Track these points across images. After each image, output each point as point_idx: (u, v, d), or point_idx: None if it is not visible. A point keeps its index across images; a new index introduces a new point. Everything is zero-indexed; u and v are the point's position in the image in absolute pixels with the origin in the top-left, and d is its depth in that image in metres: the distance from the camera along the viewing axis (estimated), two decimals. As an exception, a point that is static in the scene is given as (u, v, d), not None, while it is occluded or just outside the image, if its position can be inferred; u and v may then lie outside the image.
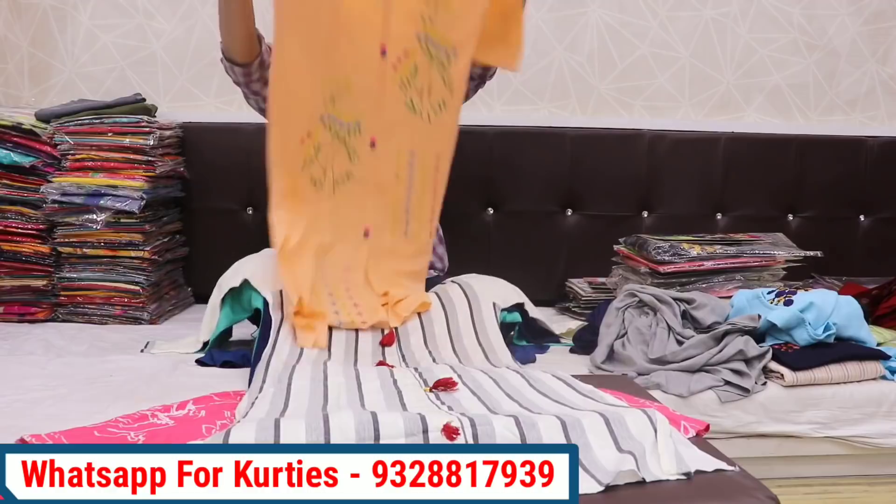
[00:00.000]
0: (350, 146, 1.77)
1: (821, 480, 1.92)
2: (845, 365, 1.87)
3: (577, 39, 2.65)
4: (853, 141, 2.72)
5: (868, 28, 2.77)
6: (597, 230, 2.57)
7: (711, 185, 2.64)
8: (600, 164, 2.58)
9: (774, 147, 2.68)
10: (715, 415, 1.79)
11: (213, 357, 1.81)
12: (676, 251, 2.19)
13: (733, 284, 2.22)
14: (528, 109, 2.67)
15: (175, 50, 2.53)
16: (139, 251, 2.16)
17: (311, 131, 1.72)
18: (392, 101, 1.80)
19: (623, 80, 2.69)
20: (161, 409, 1.39)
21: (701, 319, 1.95)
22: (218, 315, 1.87)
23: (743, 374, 1.82)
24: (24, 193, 2.16)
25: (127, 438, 1.26)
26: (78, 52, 2.51)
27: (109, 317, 2.18)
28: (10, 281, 2.17)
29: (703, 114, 2.74)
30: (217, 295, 1.87)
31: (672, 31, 2.68)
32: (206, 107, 2.56)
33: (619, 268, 2.38)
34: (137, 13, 2.51)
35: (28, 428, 1.29)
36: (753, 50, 2.73)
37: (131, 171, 2.16)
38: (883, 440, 1.89)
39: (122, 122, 2.17)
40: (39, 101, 2.50)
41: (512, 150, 2.54)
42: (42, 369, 1.74)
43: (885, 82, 2.81)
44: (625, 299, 2.02)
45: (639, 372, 1.84)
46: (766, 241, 2.35)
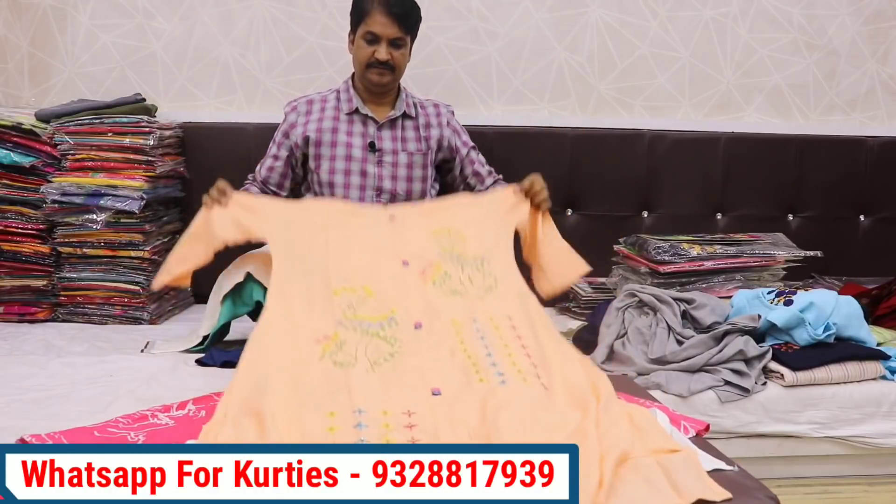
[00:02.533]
0: (387, 336, 1.53)
1: (821, 480, 1.92)
2: (845, 365, 1.87)
3: (577, 39, 2.65)
4: (853, 141, 2.72)
5: (868, 28, 2.77)
6: (597, 230, 2.57)
7: (711, 185, 2.64)
8: (600, 164, 2.58)
9: (774, 147, 2.68)
10: (715, 415, 1.79)
11: (213, 357, 1.81)
12: (676, 251, 2.19)
13: (733, 284, 2.22)
14: (528, 109, 2.67)
15: (175, 50, 2.53)
16: (139, 251, 2.16)
17: (328, 335, 1.51)
18: (428, 293, 1.63)
19: (623, 80, 2.69)
20: (161, 409, 1.39)
21: (701, 319, 1.95)
22: (219, 310, 1.88)
23: (743, 374, 1.82)
24: (24, 193, 2.17)
25: (127, 438, 1.26)
26: (78, 52, 2.51)
27: (109, 317, 2.18)
28: (10, 281, 2.18)
29: (703, 114, 2.74)
30: (220, 290, 1.89)
31: (672, 31, 2.68)
32: (206, 107, 2.56)
33: (619, 268, 2.38)
34: (137, 13, 2.51)
35: (28, 428, 1.29)
36: (753, 50, 2.73)
37: (131, 171, 2.16)
38: (883, 440, 1.89)
39: (122, 122, 2.18)
40: (39, 101, 2.50)
41: (512, 150, 2.53)
42: (42, 369, 1.74)
43: (885, 82, 2.81)
44: (625, 299, 2.02)
45: (639, 372, 1.85)
46: (766, 241, 2.35)
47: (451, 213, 1.86)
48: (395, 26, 2.04)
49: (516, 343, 1.52)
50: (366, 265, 1.66)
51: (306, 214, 1.83)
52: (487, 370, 1.44)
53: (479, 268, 1.71)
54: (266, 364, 1.40)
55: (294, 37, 2.55)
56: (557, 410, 1.32)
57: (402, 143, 2.18)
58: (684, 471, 1.17)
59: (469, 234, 1.78)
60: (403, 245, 1.72)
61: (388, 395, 1.33)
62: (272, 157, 2.20)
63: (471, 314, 1.59)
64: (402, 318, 1.55)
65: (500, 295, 1.64)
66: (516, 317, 1.59)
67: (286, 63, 2.56)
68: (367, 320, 1.55)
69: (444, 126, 2.22)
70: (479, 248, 1.75)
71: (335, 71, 2.54)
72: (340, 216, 1.82)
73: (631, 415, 1.29)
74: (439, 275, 1.67)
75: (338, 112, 2.17)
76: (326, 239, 1.72)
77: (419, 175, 2.18)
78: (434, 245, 1.74)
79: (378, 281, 1.62)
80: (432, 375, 1.42)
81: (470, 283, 1.67)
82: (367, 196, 2.14)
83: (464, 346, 1.51)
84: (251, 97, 2.56)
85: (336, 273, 1.63)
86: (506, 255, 1.76)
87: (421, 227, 1.78)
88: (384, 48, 2.05)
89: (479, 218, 1.84)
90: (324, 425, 1.24)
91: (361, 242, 1.73)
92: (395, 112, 2.18)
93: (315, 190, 2.17)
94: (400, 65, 2.11)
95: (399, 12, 2.03)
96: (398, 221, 1.81)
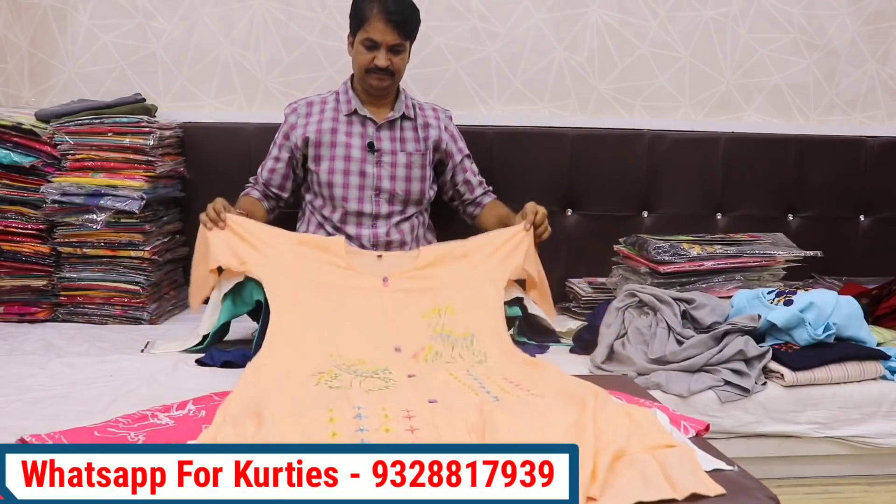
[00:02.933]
0: (382, 378, 1.58)
1: (821, 480, 1.92)
2: (845, 365, 1.87)
3: (577, 39, 2.65)
4: (853, 141, 2.72)
5: (868, 28, 2.77)
6: (597, 230, 2.57)
7: (711, 185, 2.64)
8: (600, 164, 2.57)
9: (774, 147, 2.67)
10: (715, 415, 1.79)
11: (213, 357, 1.81)
12: (676, 251, 2.18)
13: (733, 284, 2.22)
14: (528, 109, 2.67)
15: (175, 50, 2.53)
16: (139, 251, 2.16)
17: (322, 371, 1.58)
18: (421, 366, 1.70)
19: (623, 80, 2.69)
20: (161, 409, 1.39)
21: (701, 319, 1.95)
22: (220, 309, 1.89)
23: (743, 374, 1.82)
24: (24, 193, 2.16)
25: (127, 438, 1.26)
26: (78, 52, 2.51)
27: (109, 317, 2.18)
28: (10, 281, 2.17)
29: (703, 114, 2.74)
30: (220, 289, 1.89)
31: (672, 31, 2.68)
32: (206, 107, 2.56)
33: (619, 268, 2.38)
34: (137, 13, 2.51)
35: (28, 428, 1.29)
36: (753, 50, 2.73)
37: (131, 171, 2.16)
38: (883, 440, 1.88)
39: (122, 122, 2.18)
40: (39, 101, 2.50)
41: (512, 150, 2.53)
42: (42, 369, 1.74)
43: (885, 82, 2.81)
44: (625, 299, 2.02)
45: (639, 372, 1.84)
46: (766, 241, 2.35)
47: (442, 273, 1.94)
48: (395, 33, 2.05)
49: (511, 385, 1.55)
50: (360, 346, 1.73)
51: (302, 263, 1.89)
52: (482, 394, 1.48)
53: (469, 346, 1.79)
54: (263, 384, 1.47)
55: (294, 37, 2.55)
56: (554, 409, 1.34)
57: (400, 143, 2.18)
58: (680, 466, 1.18)
59: (458, 307, 1.86)
60: (395, 329, 1.80)
61: (387, 402, 1.36)
62: (273, 158, 2.20)
63: (464, 368, 1.66)
64: (395, 371, 1.61)
65: (490, 366, 1.71)
66: (510, 374, 1.63)
67: (286, 63, 2.56)
68: (361, 369, 1.62)
69: (441, 129, 2.23)
70: (468, 325, 1.83)
71: (335, 71, 2.54)
72: (336, 270, 1.90)
73: (629, 413, 1.31)
74: (430, 354, 1.75)
75: (337, 113, 2.17)
76: (322, 303, 1.81)
77: (418, 175, 2.18)
78: (425, 329, 1.82)
79: (371, 358, 1.69)
80: (427, 393, 1.45)
81: (461, 359, 1.74)
82: (366, 196, 2.14)
83: (458, 380, 1.57)
84: (251, 97, 2.56)
85: (330, 342, 1.72)
86: (495, 327, 1.84)
87: (412, 307, 1.86)
88: (383, 55, 2.06)
89: (471, 280, 1.92)
90: (325, 419, 1.26)
91: (355, 319, 1.81)
92: (395, 113, 2.18)
93: (314, 190, 2.17)
94: (399, 70, 2.12)
95: (398, 20, 2.04)
96: (391, 288, 1.89)
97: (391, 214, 2.17)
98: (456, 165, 2.27)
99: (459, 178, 2.28)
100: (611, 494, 1.11)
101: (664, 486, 1.14)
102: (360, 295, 1.86)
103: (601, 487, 1.11)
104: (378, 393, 1.46)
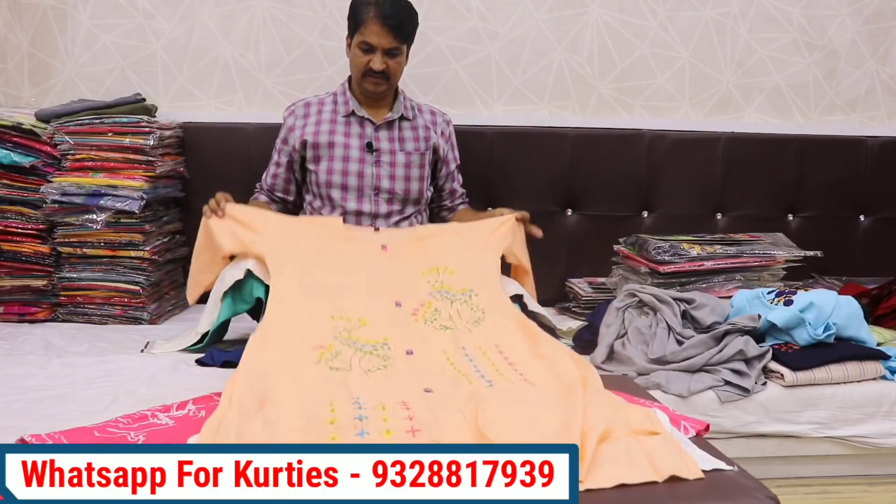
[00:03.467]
0: (380, 355, 1.62)
1: (821, 480, 1.92)
2: (845, 365, 1.87)
3: (577, 39, 2.65)
4: (853, 141, 2.72)
5: (868, 28, 2.77)
6: (597, 230, 2.57)
7: (711, 185, 2.64)
8: (600, 164, 2.57)
9: (774, 147, 2.67)
10: (715, 415, 1.79)
11: (213, 357, 1.81)
12: (676, 251, 2.18)
13: (733, 284, 2.22)
14: (528, 109, 2.67)
15: (175, 50, 2.53)
16: (139, 251, 2.16)
17: (323, 344, 1.61)
18: (419, 328, 1.74)
19: (623, 80, 2.69)
20: (161, 409, 1.39)
21: (701, 319, 1.95)
22: (220, 307, 1.89)
23: (743, 374, 1.82)
24: (24, 193, 2.16)
25: (127, 438, 1.26)
26: (78, 52, 2.51)
27: (109, 317, 2.18)
28: (10, 281, 2.17)
29: (703, 114, 2.74)
30: (220, 288, 1.89)
31: (672, 31, 2.68)
32: (206, 107, 2.56)
33: (619, 268, 2.38)
34: (137, 13, 2.51)
35: (28, 428, 1.29)
36: (753, 50, 2.72)
37: (131, 171, 2.16)
38: (883, 440, 1.89)
39: (122, 122, 2.17)
40: (39, 101, 2.50)
41: (512, 150, 2.53)
42: (42, 369, 1.74)
43: (885, 82, 2.81)
44: (625, 299, 2.02)
45: (639, 372, 1.84)
46: (766, 241, 2.35)
47: (438, 244, 1.99)
48: (391, 36, 2.04)
49: (504, 363, 1.61)
50: (361, 302, 1.77)
51: (302, 234, 1.94)
52: (476, 380, 1.53)
53: (467, 301, 1.83)
54: (266, 364, 1.48)
55: (294, 37, 2.55)
56: (545, 397, 1.40)
57: (399, 143, 2.18)
58: (663, 450, 1.22)
59: (457, 268, 1.92)
60: (395, 284, 1.84)
61: (384, 392, 1.41)
62: (275, 164, 2.21)
63: (459, 344, 1.69)
64: (394, 344, 1.65)
65: (487, 327, 1.75)
66: (503, 343, 1.69)
67: (286, 63, 2.56)
68: (361, 341, 1.65)
69: (440, 134, 2.24)
70: (466, 282, 1.88)
71: (335, 71, 2.54)
72: (335, 239, 1.95)
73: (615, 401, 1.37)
74: (430, 312, 1.79)
75: (335, 114, 2.17)
76: (322, 265, 1.85)
77: (417, 175, 2.18)
78: (424, 285, 1.87)
79: (372, 315, 1.73)
80: (424, 379, 1.50)
81: (459, 318, 1.78)
82: (365, 196, 2.14)
83: (453, 366, 1.60)
84: (251, 97, 2.56)
85: (331, 303, 1.74)
86: (493, 285, 1.90)
87: (411, 266, 1.91)
88: (379, 58, 2.06)
89: (467, 249, 1.98)
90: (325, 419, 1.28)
91: (356, 278, 1.84)
92: (393, 114, 2.19)
93: (314, 191, 2.17)
94: (395, 73, 2.12)
95: (394, 23, 2.04)
96: (390, 252, 1.93)
97: (390, 214, 2.17)
98: (449, 173, 2.28)
99: (447, 186, 2.30)
100: (595, 475, 1.14)
101: (646, 467, 1.18)
102: (360, 257, 1.92)
103: (587, 469, 1.14)
104: (377, 375, 1.51)
